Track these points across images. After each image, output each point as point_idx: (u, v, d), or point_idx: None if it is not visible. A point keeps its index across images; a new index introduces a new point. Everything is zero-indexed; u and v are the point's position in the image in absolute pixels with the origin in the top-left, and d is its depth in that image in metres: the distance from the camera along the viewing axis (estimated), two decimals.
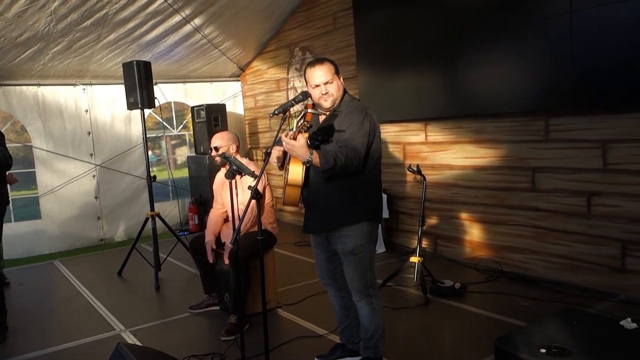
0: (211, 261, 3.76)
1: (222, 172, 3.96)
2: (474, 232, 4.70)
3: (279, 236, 3.97)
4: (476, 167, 4.60)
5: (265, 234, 3.64)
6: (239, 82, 8.00)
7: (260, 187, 2.72)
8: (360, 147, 2.45)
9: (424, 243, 5.07)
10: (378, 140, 2.63)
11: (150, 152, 9.97)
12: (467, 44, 4.34)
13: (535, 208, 4.16)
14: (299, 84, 6.75)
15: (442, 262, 4.80)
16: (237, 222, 3.07)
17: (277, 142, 2.51)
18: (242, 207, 3.49)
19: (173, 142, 12.28)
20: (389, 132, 5.38)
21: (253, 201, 2.46)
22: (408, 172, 4.67)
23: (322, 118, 2.70)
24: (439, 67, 4.64)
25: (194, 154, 7.32)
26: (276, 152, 2.56)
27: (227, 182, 3.47)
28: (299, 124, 2.33)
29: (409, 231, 5.32)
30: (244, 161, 3.72)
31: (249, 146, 8.03)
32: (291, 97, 6.92)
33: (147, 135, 5.00)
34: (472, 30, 4.29)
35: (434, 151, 4.98)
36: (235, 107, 8.02)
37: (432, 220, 5.04)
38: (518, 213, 4.30)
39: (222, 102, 7.49)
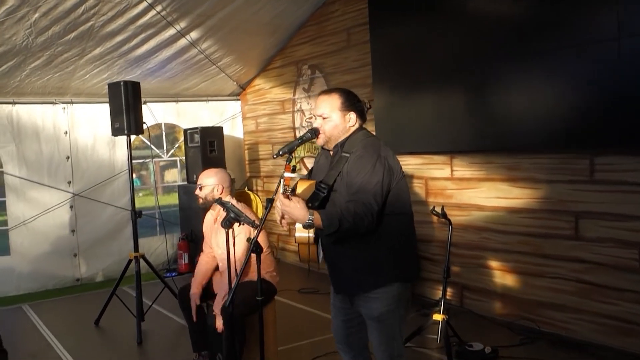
0: (194, 319, 3.73)
1: (212, 213, 3.94)
2: (507, 285, 4.61)
3: (280, 281, 3.92)
4: (510, 209, 4.54)
5: (263, 284, 3.58)
6: (239, 102, 8.04)
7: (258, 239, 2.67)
8: (372, 201, 2.39)
9: (449, 294, 4.97)
10: (402, 183, 2.58)
11: (134, 175, 9.93)
12: (500, 66, 4.32)
13: (579, 259, 4.08)
14: (306, 106, 6.76)
15: (469, 319, 4.71)
16: (232, 274, 3.03)
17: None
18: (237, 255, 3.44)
19: (162, 163, 12.31)
20: (409, 164, 5.35)
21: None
22: (431, 212, 4.61)
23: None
24: (467, 93, 4.63)
25: (186, 183, 7.31)
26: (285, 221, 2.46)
27: (219, 223, 3.46)
28: (282, 190, 2.28)
29: (432, 280, 5.25)
30: (235, 202, 3.71)
31: (248, 174, 8.03)
32: (297, 120, 6.93)
33: (133, 160, 4.98)
34: (506, 50, 4.26)
35: (460, 188, 4.93)
36: (234, 129, 8.05)
37: (458, 268, 4.97)
38: (558, 264, 4.22)
39: (219, 125, 7.51)
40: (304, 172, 6.46)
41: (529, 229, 4.41)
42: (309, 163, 6.64)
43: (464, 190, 4.91)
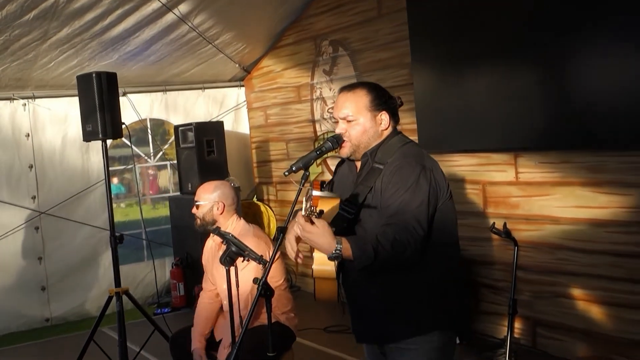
0: None
1: (213, 239, 3.97)
2: (592, 319, 4.57)
3: (301, 317, 3.95)
4: (593, 222, 4.49)
5: (277, 328, 3.61)
6: (243, 89, 8.11)
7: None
8: (415, 225, 2.38)
9: (517, 332, 4.94)
10: (449, 204, 2.58)
11: (115, 180, 9.95)
12: (581, 38, 4.27)
13: None
14: (328, 93, 6.74)
15: None
16: (235, 317, 3.03)
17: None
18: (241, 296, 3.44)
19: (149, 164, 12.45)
20: (462, 166, 5.35)
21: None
22: (491, 230, 4.56)
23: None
24: (536, 73, 4.61)
25: (179, 194, 7.33)
26: (291, 245, 2.52)
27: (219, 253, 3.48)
28: (307, 208, 2.28)
29: (494, 313, 5.23)
30: (240, 225, 3.79)
31: (257, 180, 8.05)
32: (317, 110, 6.92)
33: (111, 167, 5.01)
34: (590, 17, 4.19)
35: (528, 196, 4.90)
36: (238, 124, 8.11)
37: (528, 298, 4.92)
38: None
39: (218, 119, 7.54)
40: (328, 176, 6.43)
41: (618, 247, 4.35)
42: (334, 165, 6.62)
43: (532, 197, 4.87)
